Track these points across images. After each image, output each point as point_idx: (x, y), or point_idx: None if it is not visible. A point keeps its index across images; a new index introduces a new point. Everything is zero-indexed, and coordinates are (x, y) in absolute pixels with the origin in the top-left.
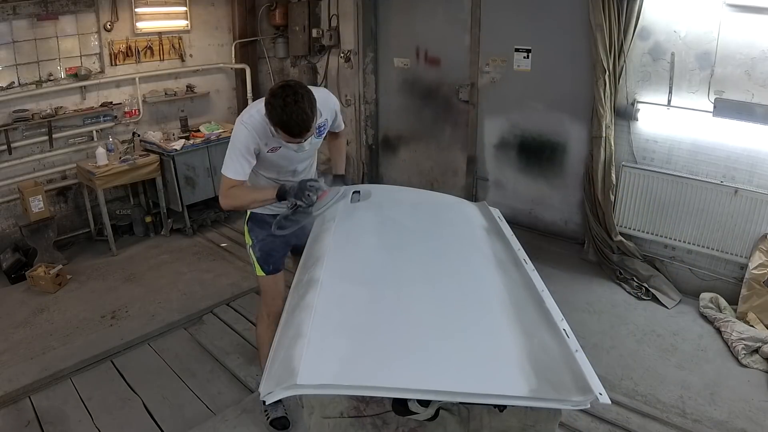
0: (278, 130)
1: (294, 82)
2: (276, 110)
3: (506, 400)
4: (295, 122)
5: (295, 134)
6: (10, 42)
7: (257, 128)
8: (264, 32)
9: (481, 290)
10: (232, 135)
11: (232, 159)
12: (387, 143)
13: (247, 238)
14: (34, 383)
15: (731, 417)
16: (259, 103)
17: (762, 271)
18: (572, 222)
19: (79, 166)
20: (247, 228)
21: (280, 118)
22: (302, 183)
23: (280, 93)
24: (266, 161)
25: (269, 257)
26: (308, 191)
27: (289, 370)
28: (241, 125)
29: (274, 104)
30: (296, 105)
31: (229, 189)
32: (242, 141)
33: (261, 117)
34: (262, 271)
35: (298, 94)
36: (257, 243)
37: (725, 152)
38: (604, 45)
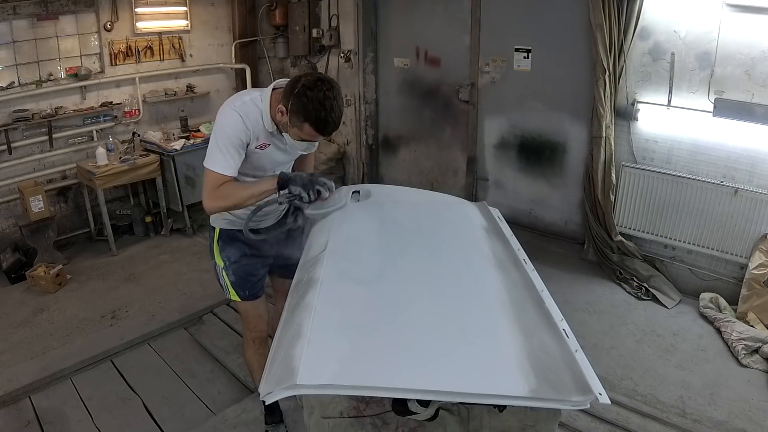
0: (306, 126)
1: (325, 76)
2: (313, 104)
3: (506, 400)
4: (333, 120)
5: (327, 132)
6: (10, 42)
7: (251, 118)
8: (264, 32)
9: (481, 290)
10: (218, 123)
11: (220, 150)
12: (387, 143)
13: (218, 258)
14: (34, 383)
15: (731, 417)
16: (250, 92)
17: (762, 271)
18: (572, 222)
19: (79, 166)
20: (216, 247)
21: (317, 115)
22: (314, 176)
23: (320, 86)
24: (248, 160)
25: (245, 281)
26: (319, 185)
27: (288, 370)
28: (233, 112)
29: (311, 98)
30: (335, 101)
31: (216, 188)
32: (234, 130)
33: (254, 106)
34: (237, 296)
35: (334, 89)
36: (230, 265)
37: (725, 152)
38: (604, 45)
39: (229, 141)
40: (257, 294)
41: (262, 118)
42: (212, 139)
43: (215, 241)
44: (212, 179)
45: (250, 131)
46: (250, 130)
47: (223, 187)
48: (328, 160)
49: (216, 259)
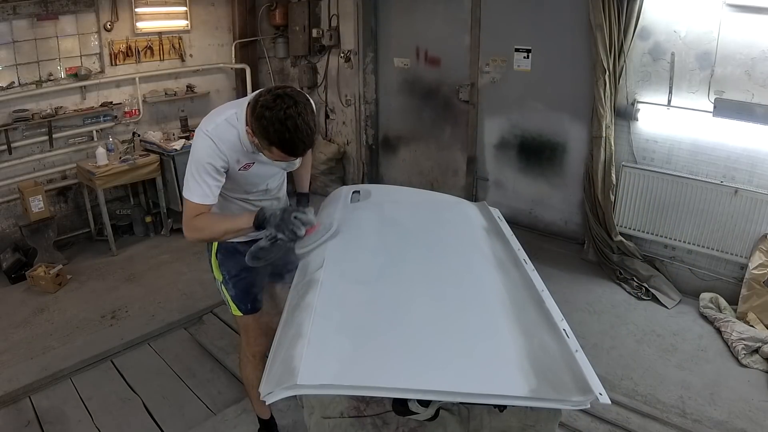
0: (274, 149)
1: (290, 89)
2: (275, 126)
3: (506, 400)
4: (300, 140)
5: (298, 153)
6: (10, 42)
7: (226, 141)
8: (264, 32)
9: (481, 290)
10: (192, 149)
11: (196, 179)
12: (387, 143)
13: (216, 272)
14: (34, 383)
15: (731, 417)
16: (226, 109)
17: (762, 271)
18: (572, 222)
19: (79, 166)
20: (215, 261)
21: (281, 136)
22: (286, 212)
23: (279, 105)
24: (235, 180)
25: (247, 294)
26: (292, 225)
27: (289, 370)
28: (205, 137)
29: (272, 118)
30: (300, 118)
31: (193, 217)
32: (208, 157)
33: (229, 127)
34: (238, 310)
35: (299, 104)
36: (230, 279)
37: (725, 152)
38: (604, 45)
39: (203, 169)
40: (258, 307)
41: (240, 138)
42: (188, 167)
43: (213, 254)
44: (189, 209)
45: (225, 156)
46: (225, 154)
47: (200, 218)
48: (328, 160)
49: (215, 273)
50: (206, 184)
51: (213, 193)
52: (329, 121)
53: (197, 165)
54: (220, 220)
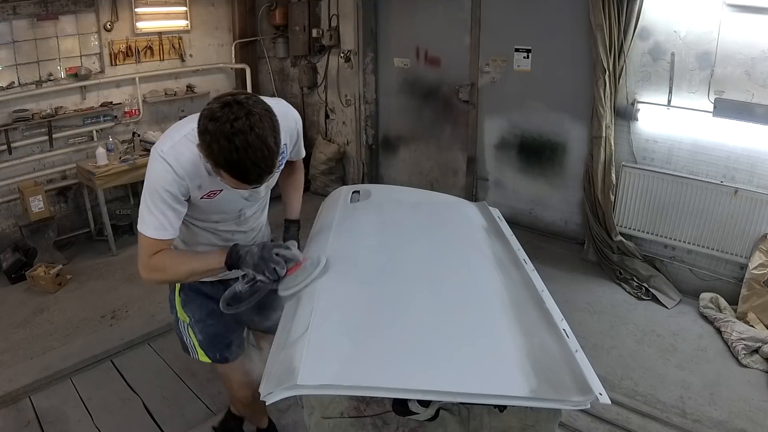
0: (224, 173)
1: (244, 96)
2: (219, 142)
3: (506, 400)
4: (253, 162)
5: (252, 180)
6: (10, 42)
7: (185, 164)
8: (264, 32)
9: (481, 290)
10: (147, 173)
11: (151, 210)
12: (387, 143)
13: (181, 313)
14: (34, 383)
15: (731, 417)
16: (187, 123)
17: (762, 271)
18: (572, 222)
19: (79, 166)
20: (178, 300)
21: (228, 157)
22: (265, 249)
23: (226, 115)
24: (200, 208)
25: (215, 342)
26: (273, 263)
27: (289, 370)
28: (160, 160)
29: (216, 132)
30: (253, 133)
31: (151, 255)
32: (164, 183)
33: (189, 145)
34: (206, 357)
35: (252, 115)
36: (196, 323)
37: (725, 152)
38: (604, 45)
39: (158, 197)
40: (233, 357)
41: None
42: (142, 195)
43: (176, 292)
44: (145, 245)
45: (185, 181)
46: (184, 179)
47: (159, 256)
48: (328, 160)
49: (179, 314)
50: (163, 216)
51: (172, 226)
52: (329, 121)
53: (152, 193)
54: (185, 258)
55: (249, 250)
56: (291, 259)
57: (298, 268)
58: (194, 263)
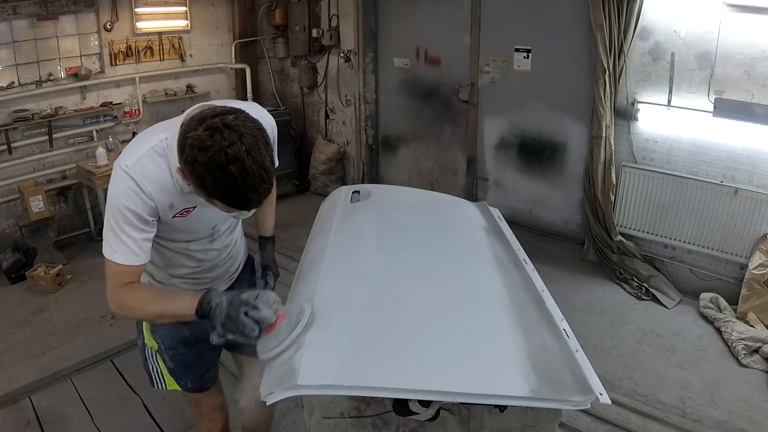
0: (216, 201)
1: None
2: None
3: (507, 400)
4: (252, 189)
5: (251, 205)
6: (10, 42)
7: (152, 180)
8: (264, 32)
9: (481, 290)
10: (109, 191)
11: (116, 233)
12: (387, 143)
13: (149, 339)
14: (34, 383)
15: (731, 417)
16: (153, 134)
17: (762, 271)
18: (572, 222)
19: (79, 166)
20: (146, 325)
21: (225, 187)
22: (232, 307)
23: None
24: (172, 226)
25: (186, 370)
26: (243, 326)
27: (289, 370)
28: (124, 177)
29: (208, 164)
30: (250, 158)
31: (119, 285)
32: (129, 203)
33: (157, 159)
34: (176, 385)
35: (244, 137)
36: (166, 350)
37: (725, 152)
38: (604, 45)
39: (123, 218)
40: (204, 387)
41: (172, 174)
42: (105, 216)
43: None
44: (113, 274)
45: (153, 201)
46: (152, 199)
47: (129, 291)
48: (328, 160)
49: (147, 340)
50: (131, 239)
51: (141, 249)
52: (329, 121)
53: (116, 214)
54: (155, 299)
55: (219, 302)
56: (261, 320)
57: (274, 328)
58: (164, 306)
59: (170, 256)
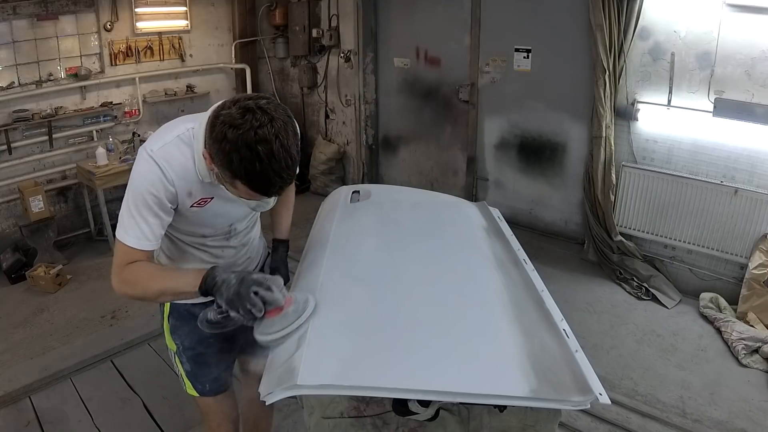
0: (239, 183)
1: (264, 100)
2: (241, 152)
3: (506, 400)
4: (276, 173)
5: (272, 192)
6: (10, 42)
7: (176, 166)
8: (264, 32)
9: (481, 290)
10: (132, 174)
11: (132, 215)
12: (387, 143)
13: (169, 341)
14: (34, 383)
15: (731, 417)
16: (181, 123)
17: (762, 271)
18: (572, 222)
19: (79, 166)
20: (167, 325)
21: (250, 168)
22: (243, 284)
23: (249, 122)
24: (186, 219)
25: (203, 371)
26: (249, 304)
27: (289, 370)
28: (148, 160)
29: (237, 141)
30: (278, 142)
31: (125, 265)
32: (150, 186)
33: (182, 147)
34: (193, 390)
35: (275, 121)
36: (184, 350)
37: (725, 152)
38: (604, 45)
39: (141, 200)
40: (221, 388)
41: (195, 163)
42: (125, 197)
43: (165, 317)
44: (121, 253)
45: (174, 188)
46: (173, 186)
47: (133, 268)
48: (328, 160)
49: (167, 342)
50: (146, 223)
51: (154, 235)
52: (329, 121)
53: (135, 195)
54: (158, 275)
55: (226, 279)
56: (271, 302)
57: (279, 313)
58: (166, 282)
59: (186, 250)
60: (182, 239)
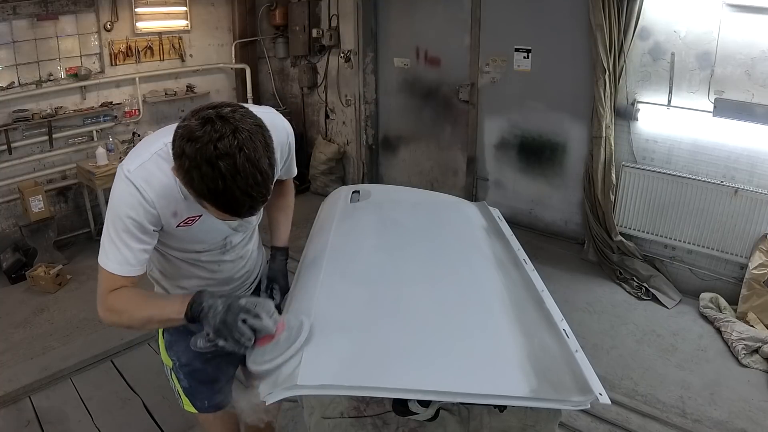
0: (206, 203)
1: (228, 108)
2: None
3: (506, 400)
4: (243, 192)
5: (242, 213)
6: (10, 42)
7: (156, 186)
8: (264, 32)
9: (481, 290)
10: (110, 196)
11: (113, 240)
12: (387, 143)
13: (165, 356)
14: (34, 383)
15: (731, 417)
16: (159, 137)
17: (762, 271)
18: (572, 222)
19: (79, 166)
20: (162, 342)
21: (212, 187)
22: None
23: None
24: (177, 236)
25: (202, 388)
26: (238, 333)
27: (289, 370)
28: (126, 183)
29: (195, 156)
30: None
31: (110, 293)
32: (129, 209)
33: (161, 164)
34: (192, 407)
35: (240, 132)
36: (181, 367)
37: (725, 152)
38: (604, 45)
39: (121, 225)
40: (222, 404)
41: (177, 181)
42: (105, 221)
43: (161, 332)
44: (103, 280)
45: (155, 210)
46: (154, 207)
47: (117, 295)
48: (328, 160)
49: (163, 357)
50: (127, 248)
51: (137, 260)
52: (329, 121)
53: (114, 220)
54: (144, 302)
55: (213, 305)
56: (261, 330)
57: (271, 340)
58: (152, 310)
59: (180, 266)
60: (175, 255)
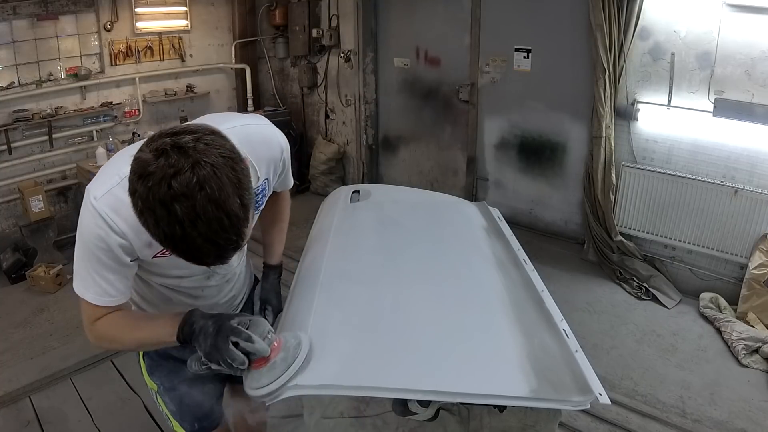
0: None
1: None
2: (154, 214)
3: (506, 400)
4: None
5: (208, 262)
6: (10, 42)
7: (127, 217)
8: (264, 32)
9: (481, 290)
10: (78, 224)
11: (88, 271)
12: (387, 143)
13: (148, 380)
14: (34, 383)
15: (731, 417)
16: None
17: (762, 271)
18: (572, 222)
19: (79, 166)
20: (143, 365)
21: (169, 233)
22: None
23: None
24: (155, 265)
25: (190, 410)
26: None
27: None
28: (92, 213)
29: (148, 199)
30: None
31: (94, 322)
32: (97, 242)
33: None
34: (182, 429)
35: (201, 166)
36: (166, 391)
37: (725, 152)
38: (604, 45)
39: (94, 258)
40: (213, 424)
41: None
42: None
43: (141, 356)
44: (86, 309)
45: (126, 240)
46: (125, 238)
47: (102, 323)
48: (328, 160)
49: (146, 380)
50: (103, 279)
51: (117, 289)
52: (329, 121)
53: (85, 251)
54: (133, 326)
55: (204, 326)
56: (254, 353)
57: (266, 363)
58: (143, 333)
59: (163, 292)
60: (155, 281)
